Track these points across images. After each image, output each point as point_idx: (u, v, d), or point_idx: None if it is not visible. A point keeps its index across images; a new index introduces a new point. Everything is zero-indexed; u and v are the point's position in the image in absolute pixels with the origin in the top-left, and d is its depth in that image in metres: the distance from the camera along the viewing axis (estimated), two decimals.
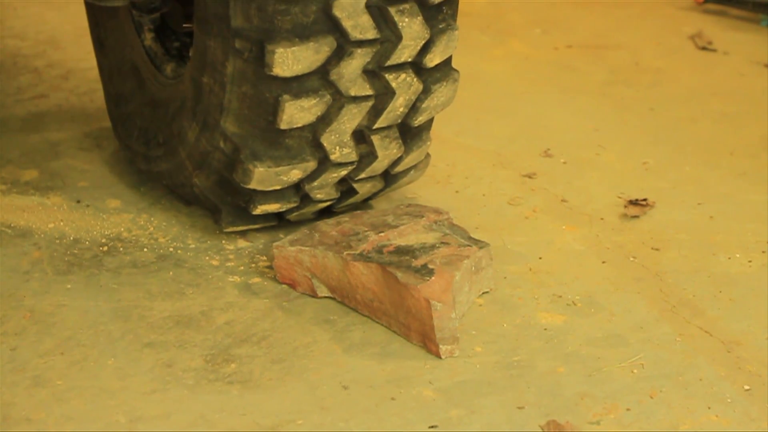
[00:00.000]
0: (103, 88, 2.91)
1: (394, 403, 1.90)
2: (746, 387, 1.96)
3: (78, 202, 2.61)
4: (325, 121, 2.21)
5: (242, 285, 2.26)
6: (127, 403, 1.88)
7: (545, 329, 2.14)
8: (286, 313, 2.17)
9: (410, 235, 2.23)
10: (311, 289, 2.21)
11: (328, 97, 2.17)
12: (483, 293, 2.24)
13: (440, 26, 2.24)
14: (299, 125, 2.19)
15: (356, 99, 2.21)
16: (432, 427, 1.84)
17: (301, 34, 2.10)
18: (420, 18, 2.18)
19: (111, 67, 2.83)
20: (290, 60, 2.10)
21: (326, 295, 2.21)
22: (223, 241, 2.42)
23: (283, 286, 2.25)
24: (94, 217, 2.54)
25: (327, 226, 2.29)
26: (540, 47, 3.98)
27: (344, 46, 2.14)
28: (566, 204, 2.68)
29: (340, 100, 2.20)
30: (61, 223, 2.50)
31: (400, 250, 2.16)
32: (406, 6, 2.17)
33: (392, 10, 2.15)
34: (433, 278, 2.05)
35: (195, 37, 2.31)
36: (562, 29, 4.18)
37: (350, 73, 2.17)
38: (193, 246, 2.41)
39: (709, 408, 1.90)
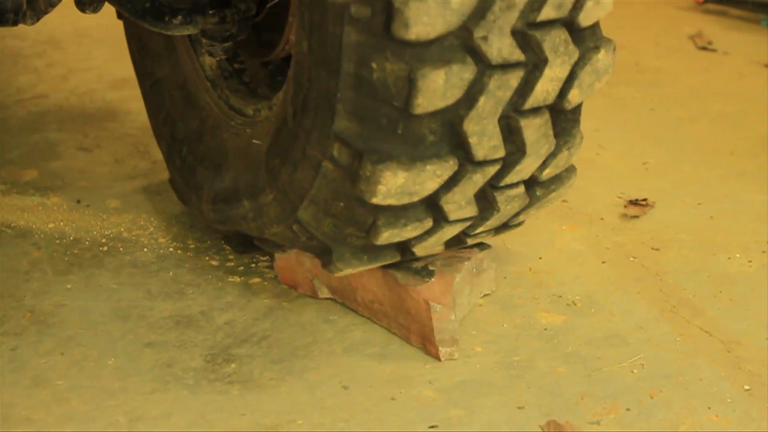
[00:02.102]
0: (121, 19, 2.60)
1: (394, 403, 1.90)
2: (746, 387, 1.96)
3: (78, 202, 2.61)
4: None
5: (242, 285, 2.26)
6: (127, 403, 1.88)
7: (545, 329, 2.14)
8: (286, 313, 2.17)
9: None
10: (312, 290, 2.21)
11: None
12: (484, 295, 2.24)
13: (561, 140, 1.92)
14: None
15: None
16: (432, 427, 1.84)
17: (370, 254, 1.99)
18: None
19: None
20: (349, 270, 2.01)
21: (327, 296, 2.21)
22: (223, 241, 2.41)
23: (283, 286, 2.25)
24: (94, 217, 2.54)
25: None
26: None
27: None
28: (566, 204, 2.68)
29: None
30: (61, 223, 2.50)
31: None
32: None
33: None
34: (433, 280, 2.05)
35: (258, 174, 2.09)
36: None
37: None
38: (193, 246, 2.41)
39: (709, 408, 1.90)
